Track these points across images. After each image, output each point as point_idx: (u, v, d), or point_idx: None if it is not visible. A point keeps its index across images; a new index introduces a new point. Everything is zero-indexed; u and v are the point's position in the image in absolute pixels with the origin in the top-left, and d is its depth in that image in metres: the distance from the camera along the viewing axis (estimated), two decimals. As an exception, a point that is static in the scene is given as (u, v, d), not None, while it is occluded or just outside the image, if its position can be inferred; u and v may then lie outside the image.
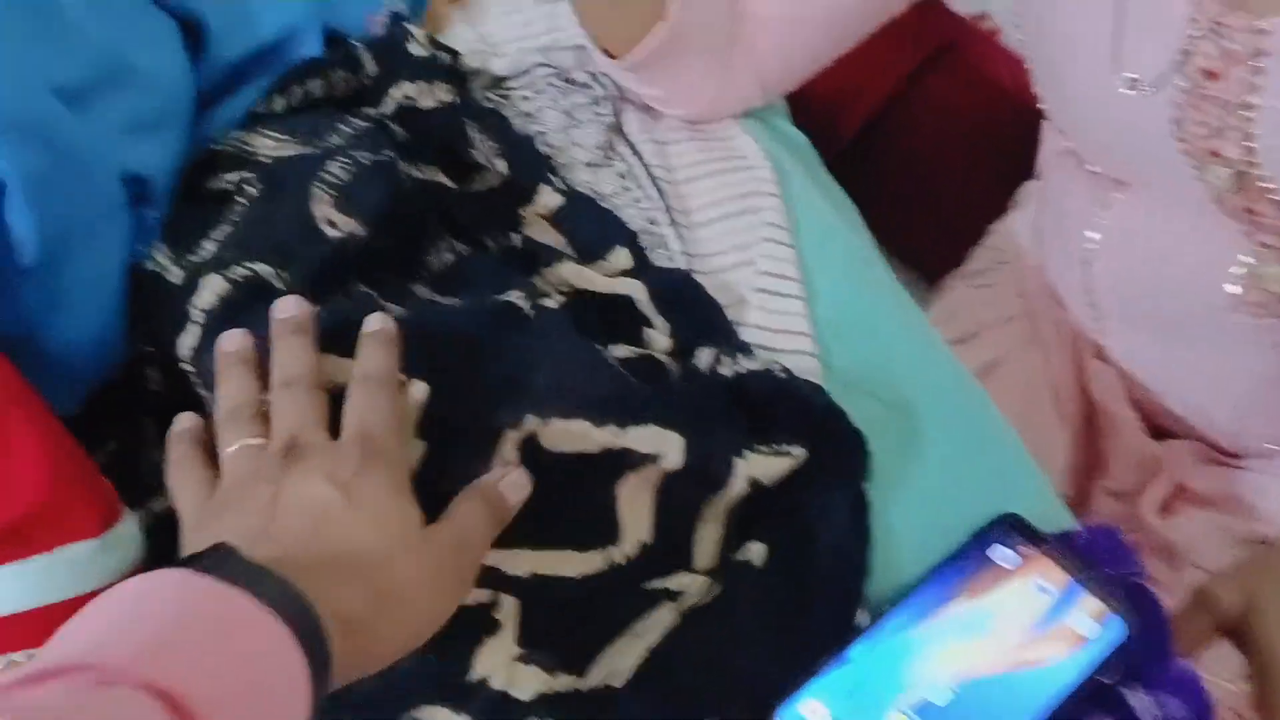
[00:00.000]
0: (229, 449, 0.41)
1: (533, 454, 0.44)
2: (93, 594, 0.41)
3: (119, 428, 0.50)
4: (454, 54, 0.64)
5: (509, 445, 0.43)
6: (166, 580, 0.33)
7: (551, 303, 0.49)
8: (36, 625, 0.40)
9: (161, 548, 0.46)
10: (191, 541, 0.40)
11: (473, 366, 0.45)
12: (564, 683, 0.44)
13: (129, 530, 0.44)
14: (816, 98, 0.75)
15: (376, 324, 0.44)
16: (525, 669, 0.43)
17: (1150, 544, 0.72)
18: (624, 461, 0.44)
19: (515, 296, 0.48)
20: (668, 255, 0.61)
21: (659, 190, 0.63)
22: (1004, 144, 1.02)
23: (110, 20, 0.53)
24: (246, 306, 0.46)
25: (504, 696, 0.43)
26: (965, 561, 0.51)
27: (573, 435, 0.44)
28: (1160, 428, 0.78)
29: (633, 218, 0.62)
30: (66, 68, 0.49)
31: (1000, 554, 0.51)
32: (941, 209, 1.03)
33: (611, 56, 0.63)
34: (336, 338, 0.44)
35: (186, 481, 0.42)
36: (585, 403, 0.44)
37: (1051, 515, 0.54)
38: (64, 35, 0.49)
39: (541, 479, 0.43)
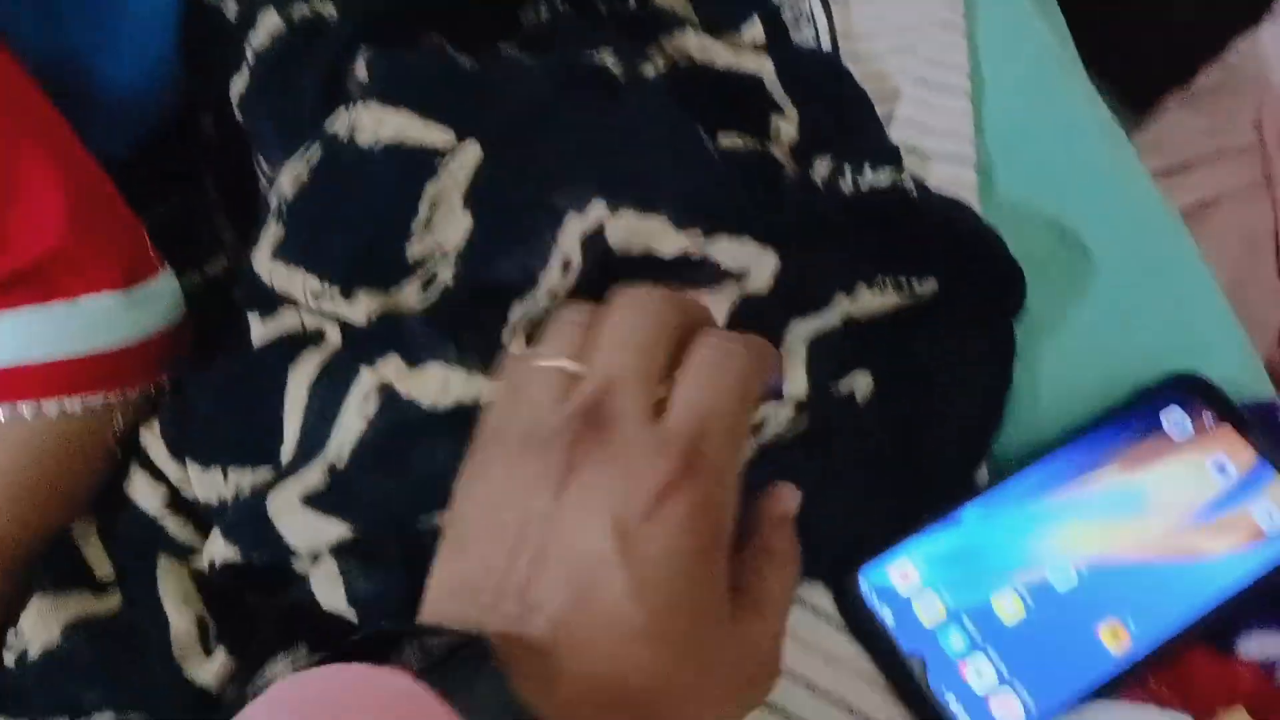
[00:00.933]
0: (532, 361, 0.31)
1: (597, 253, 0.36)
2: (121, 350, 0.38)
3: (180, 183, 0.46)
4: None
5: (571, 235, 0.36)
6: (398, 694, 0.23)
7: (651, 70, 0.41)
8: (58, 375, 0.37)
9: (212, 311, 0.42)
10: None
11: (539, 132, 0.37)
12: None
13: (163, 288, 0.40)
14: None
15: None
16: None
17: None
18: (697, 275, 0.37)
19: (607, 60, 0.40)
20: (813, 33, 0.51)
21: (812, -47, 0.52)
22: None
23: None
24: (302, 51, 0.40)
25: None
26: (1126, 424, 0.42)
27: (646, 233, 0.36)
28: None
29: (775, -16, 0.52)
30: None
31: (1173, 420, 0.42)
32: (1169, 16, 0.87)
33: None
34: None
35: None
36: (668, 195, 0.36)
37: (1247, 381, 0.44)
38: None
39: (600, 285, 0.36)
